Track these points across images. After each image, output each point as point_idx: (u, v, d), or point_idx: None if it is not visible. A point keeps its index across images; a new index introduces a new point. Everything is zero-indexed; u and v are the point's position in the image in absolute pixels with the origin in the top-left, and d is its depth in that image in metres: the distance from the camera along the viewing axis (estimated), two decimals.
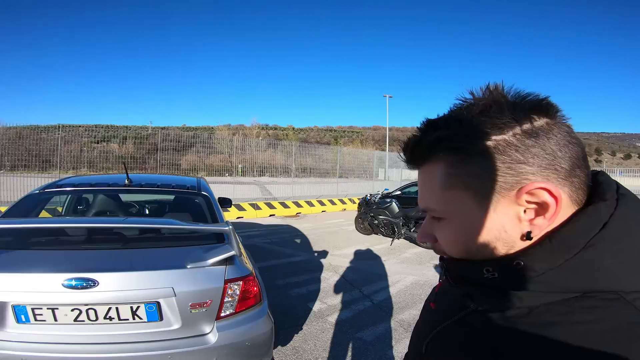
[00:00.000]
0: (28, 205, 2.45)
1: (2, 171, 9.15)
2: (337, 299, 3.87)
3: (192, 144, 14.10)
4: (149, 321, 1.67)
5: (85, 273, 1.60)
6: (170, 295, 1.67)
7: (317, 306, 3.66)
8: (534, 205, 0.39)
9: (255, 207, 10.19)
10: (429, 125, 0.43)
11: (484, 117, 0.39)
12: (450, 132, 0.40)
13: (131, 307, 1.66)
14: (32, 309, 1.58)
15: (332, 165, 15.29)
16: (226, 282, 1.78)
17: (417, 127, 0.44)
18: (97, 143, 14.33)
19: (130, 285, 1.65)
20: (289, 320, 3.30)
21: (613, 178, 0.43)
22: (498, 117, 0.39)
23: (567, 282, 0.38)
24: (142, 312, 1.67)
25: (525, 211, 0.40)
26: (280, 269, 4.91)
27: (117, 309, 1.64)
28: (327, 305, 3.70)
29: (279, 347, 2.82)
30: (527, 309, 0.39)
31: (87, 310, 1.60)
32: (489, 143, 0.38)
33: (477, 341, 0.43)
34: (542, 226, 0.39)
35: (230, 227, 1.75)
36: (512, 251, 0.41)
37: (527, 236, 0.40)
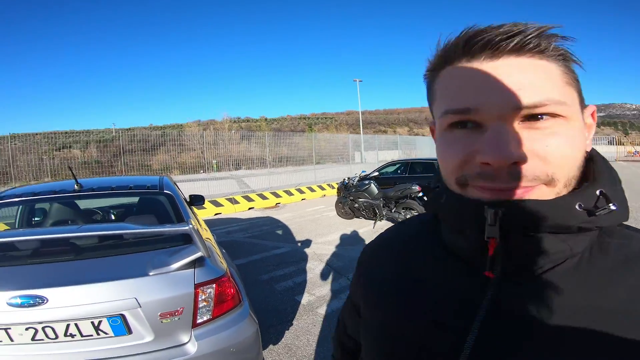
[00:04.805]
0: None
1: None
2: (325, 289, 3.78)
3: (161, 143, 13.66)
4: (116, 335, 1.57)
5: (31, 290, 1.48)
6: (134, 307, 1.56)
7: (305, 299, 3.56)
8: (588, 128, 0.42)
9: (233, 201, 9.90)
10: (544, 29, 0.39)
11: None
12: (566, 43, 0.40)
13: (92, 323, 1.54)
14: None
15: (308, 153, 15.12)
16: (197, 286, 1.66)
17: (526, 23, 0.38)
18: (58, 150, 13.55)
19: (85, 299, 1.52)
20: (278, 316, 3.19)
21: None
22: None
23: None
24: (105, 326, 1.56)
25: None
26: (263, 263, 4.77)
27: (76, 325, 1.52)
28: (316, 296, 3.61)
29: (271, 346, 2.71)
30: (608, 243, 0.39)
31: (43, 329, 1.50)
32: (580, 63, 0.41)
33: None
34: (588, 148, 0.41)
35: (191, 226, 1.59)
36: (575, 180, 0.39)
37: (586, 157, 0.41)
